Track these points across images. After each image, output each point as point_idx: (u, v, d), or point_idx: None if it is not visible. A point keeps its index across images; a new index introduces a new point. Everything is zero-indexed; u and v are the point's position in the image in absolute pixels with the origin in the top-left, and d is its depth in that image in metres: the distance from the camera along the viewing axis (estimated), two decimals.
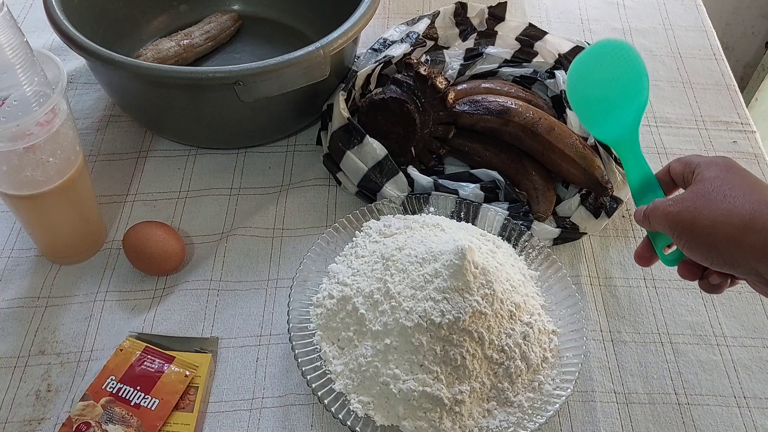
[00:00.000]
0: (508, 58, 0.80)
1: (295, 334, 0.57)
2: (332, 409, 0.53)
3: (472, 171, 0.72)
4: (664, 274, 0.68)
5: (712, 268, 0.48)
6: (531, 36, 0.81)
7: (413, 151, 0.71)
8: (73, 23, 0.66)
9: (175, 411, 0.55)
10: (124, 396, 0.55)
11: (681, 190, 0.52)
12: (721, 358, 0.62)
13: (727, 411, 0.59)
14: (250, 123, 0.72)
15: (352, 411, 0.53)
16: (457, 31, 0.83)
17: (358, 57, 0.77)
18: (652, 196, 0.52)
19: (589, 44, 0.78)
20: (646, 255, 0.54)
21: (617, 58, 0.59)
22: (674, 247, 0.51)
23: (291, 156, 0.76)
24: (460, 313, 0.53)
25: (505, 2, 0.82)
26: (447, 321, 0.53)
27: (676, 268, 0.51)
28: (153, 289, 0.64)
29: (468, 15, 0.83)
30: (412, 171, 0.69)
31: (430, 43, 0.81)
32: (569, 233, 0.68)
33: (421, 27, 0.78)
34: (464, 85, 0.77)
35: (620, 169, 0.70)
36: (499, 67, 0.80)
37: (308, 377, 0.54)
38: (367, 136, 0.69)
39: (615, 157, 0.70)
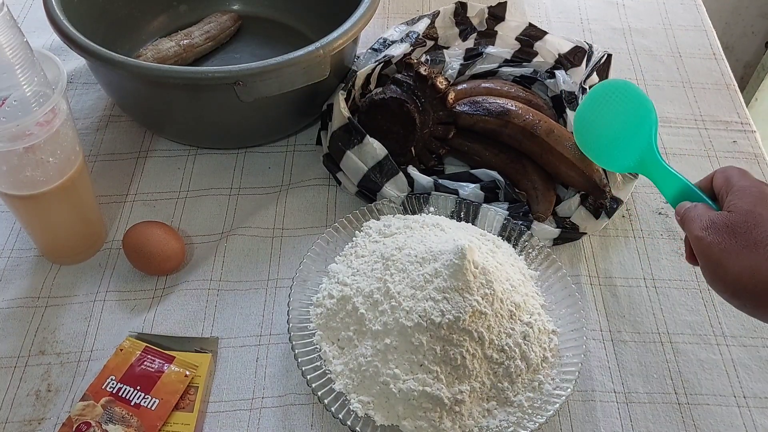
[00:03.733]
0: (508, 57, 0.80)
1: (295, 334, 0.57)
2: (332, 408, 0.53)
3: (472, 171, 0.72)
4: (664, 274, 0.68)
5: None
6: (531, 36, 0.81)
7: (413, 151, 0.71)
8: (73, 23, 0.66)
9: (175, 411, 0.55)
10: (124, 396, 0.55)
11: None
12: (721, 358, 0.62)
13: (727, 411, 0.59)
14: (250, 123, 0.72)
15: (352, 411, 0.53)
16: (457, 31, 0.83)
17: (358, 57, 0.77)
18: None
19: (589, 44, 0.78)
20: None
21: (616, 95, 0.62)
22: None
23: (291, 156, 0.76)
24: (460, 312, 0.53)
25: (505, 2, 0.82)
26: (447, 321, 0.53)
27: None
28: (153, 289, 0.64)
29: (468, 15, 0.83)
30: (412, 171, 0.69)
31: (430, 43, 0.81)
32: (569, 233, 0.68)
33: (421, 27, 0.78)
34: (464, 85, 0.77)
35: None
36: (499, 66, 0.80)
37: (308, 377, 0.54)
38: (367, 135, 0.69)
39: None
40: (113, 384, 0.56)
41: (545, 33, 0.81)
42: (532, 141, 0.70)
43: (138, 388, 0.56)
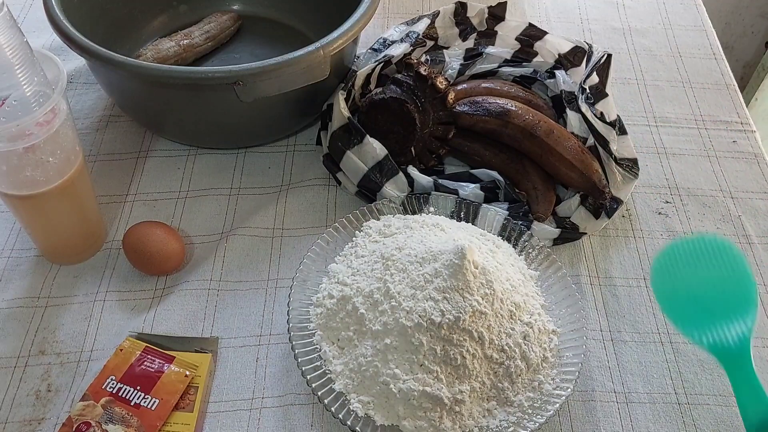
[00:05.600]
0: (508, 57, 0.80)
1: (295, 334, 0.57)
2: (332, 408, 0.53)
3: (472, 171, 0.72)
4: None
5: None
6: (531, 36, 0.81)
7: (413, 151, 0.71)
8: (73, 23, 0.66)
9: (175, 411, 0.55)
10: (124, 396, 0.55)
11: None
12: None
13: (727, 411, 0.59)
14: (250, 123, 0.72)
15: (352, 411, 0.53)
16: (457, 30, 0.83)
17: (358, 57, 0.77)
18: None
19: (589, 44, 0.78)
20: None
21: (718, 256, 0.50)
22: None
23: (291, 156, 0.76)
24: (460, 312, 0.53)
25: (505, 2, 0.82)
26: (447, 321, 0.53)
27: None
28: (153, 289, 0.64)
29: (468, 15, 0.83)
30: (412, 171, 0.69)
31: (430, 43, 0.81)
32: (569, 233, 0.68)
33: (421, 27, 0.78)
34: (464, 85, 0.77)
35: (620, 169, 0.70)
36: (499, 66, 0.80)
37: (308, 377, 0.54)
38: (367, 135, 0.69)
39: (615, 157, 0.70)
40: (113, 384, 0.56)
41: (545, 33, 0.81)
42: (531, 141, 0.70)
43: (138, 388, 0.56)
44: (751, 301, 0.47)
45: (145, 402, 0.55)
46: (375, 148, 0.69)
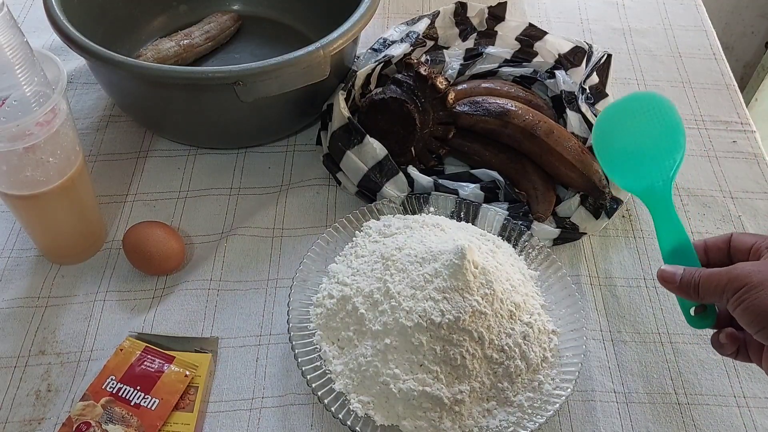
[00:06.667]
0: (508, 57, 0.80)
1: (295, 334, 0.57)
2: (332, 408, 0.53)
3: (472, 171, 0.72)
4: None
5: None
6: (531, 36, 0.81)
7: (413, 151, 0.71)
8: (73, 23, 0.66)
9: (175, 411, 0.55)
10: (124, 396, 0.55)
11: None
12: (721, 358, 0.62)
13: (727, 411, 0.59)
14: (250, 123, 0.72)
15: (352, 411, 0.53)
16: (457, 31, 0.83)
17: (358, 57, 0.77)
18: (684, 262, 0.48)
19: (589, 44, 0.78)
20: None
21: (651, 111, 0.56)
22: (706, 310, 0.49)
23: (291, 156, 0.76)
24: (460, 312, 0.53)
25: (505, 2, 0.82)
26: (447, 321, 0.53)
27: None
28: (153, 289, 0.64)
29: (468, 15, 0.83)
30: (412, 171, 0.69)
31: (430, 43, 0.81)
32: (569, 233, 0.68)
33: (421, 27, 0.78)
34: (464, 85, 0.77)
35: None
36: (499, 66, 0.80)
37: (308, 377, 0.54)
38: (367, 135, 0.69)
39: None
40: (113, 384, 0.56)
41: (545, 33, 0.81)
42: (531, 141, 0.70)
43: (138, 388, 0.56)
44: (678, 145, 0.53)
45: (145, 402, 0.55)
46: (375, 148, 0.69)
